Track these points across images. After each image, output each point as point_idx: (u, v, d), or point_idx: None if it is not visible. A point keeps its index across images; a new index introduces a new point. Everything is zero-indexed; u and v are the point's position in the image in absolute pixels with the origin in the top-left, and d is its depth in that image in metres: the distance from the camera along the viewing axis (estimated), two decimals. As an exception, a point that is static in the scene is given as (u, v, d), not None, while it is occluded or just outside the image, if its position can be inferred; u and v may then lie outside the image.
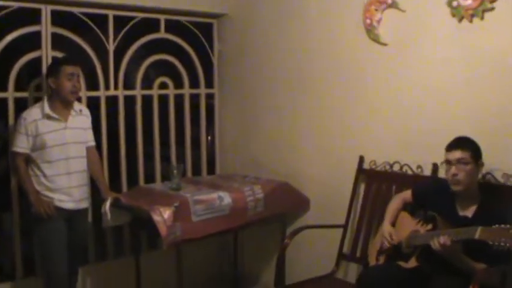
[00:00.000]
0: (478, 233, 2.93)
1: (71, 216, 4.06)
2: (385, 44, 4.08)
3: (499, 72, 3.49)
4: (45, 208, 3.87)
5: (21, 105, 4.12)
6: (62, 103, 3.96)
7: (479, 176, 3.35)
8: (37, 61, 4.28)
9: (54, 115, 3.91)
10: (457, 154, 3.26)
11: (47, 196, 3.92)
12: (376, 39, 4.11)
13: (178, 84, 5.15)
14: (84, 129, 4.14)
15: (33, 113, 3.90)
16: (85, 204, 4.20)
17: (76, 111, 4.05)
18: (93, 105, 4.57)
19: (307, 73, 4.66)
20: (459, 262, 3.14)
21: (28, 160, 3.93)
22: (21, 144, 3.88)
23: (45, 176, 3.92)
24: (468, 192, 3.30)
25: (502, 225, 2.86)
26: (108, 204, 4.20)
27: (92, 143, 4.25)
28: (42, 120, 3.88)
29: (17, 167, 3.93)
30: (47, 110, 3.89)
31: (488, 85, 3.55)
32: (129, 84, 4.88)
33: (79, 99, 4.45)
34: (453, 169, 3.29)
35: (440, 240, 3.08)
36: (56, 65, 3.95)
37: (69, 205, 4.01)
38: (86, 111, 4.21)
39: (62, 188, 3.97)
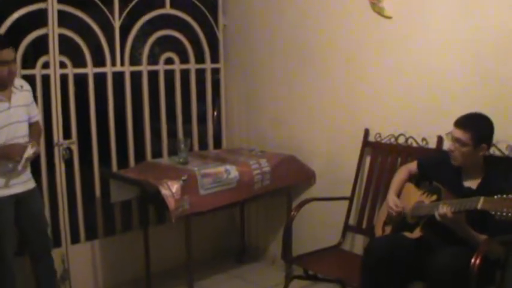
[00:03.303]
0: (480, 203, 2.96)
1: (20, 199, 3.76)
2: (389, 17, 4.09)
3: (504, 44, 3.50)
4: (13, 154, 3.59)
5: (29, 83, 4.12)
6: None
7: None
8: (44, 38, 4.29)
9: None
10: (457, 133, 3.26)
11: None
12: (380, 12, 4.11)
13: (184, 60, 5.16)
14: (27, 105, 3.82)
15: None
16: (32, 184, 3.87)
17: (18, 88, 3.74)
18: (100, 81, 4.61)
19: (312, 47, 4.67)
20: (462, 232, 3.18)
21: None
22: None
23: None
24: (471, 165, 3.33)
25: (504, 195, 2.89)
26: (28, 151, 3.66)
27: (36, 118, 3.94)
28: None
29: None
30: None
31: (493, 58, 3.56)
32: (134, 61, 4.89)
33: (85, 76, 4.49)
34: (450, 145, 3.32)
35: (441, 210, 3.12)
36: None
37: (18, 188, 3.73)
38: (27, 86, 3.86)
39: (11, 170, 3.67)
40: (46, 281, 4.01)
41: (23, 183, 3.78)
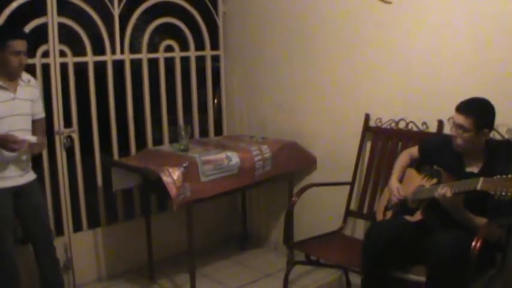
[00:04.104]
0: (479, 183, 2.97)
1: (19, 192, 3.76)
2: (389, 2, 4.08)
3: (505, 27, 3.51)
4: (14, 142, 3.53)
5: (29, 72, 4.11)
6: (7, 75, 3.65)
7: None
8: (43, 27, 4.28)
9: (3, 84, 3.62)
10: (459, 119, 3.25)
11: None
12: (380, -4, 4.12)
13: (184, 47, 5.16)
14: (33, 101, 3.82)
15: None
16: (32, 176, 3.88)
17: (24, 82, 3.76)
18: (100, 69, 4.60)
19: (312, 33, 4.66)
20: (461, 216, 3.19)
21: None
22: None
23: None
24: (473, 150, 3.33)
25: (504, 176, 2.90)
26: (30, 137, 3.68)
27: (41, 115, 3.93)
28: None
29: None
30: None
31: (494, 41, 3.56)
32: (134, 50, 4.89)
33: (85, 64, 4.50)
34: (453, 130, 3.32)
35: (441, 191, 3.13)
36: (2, 39, 3.58)
37: (16, 180, 3.73)
38: (34, 82, 3.90)
39: (9, 161, 3.66)
40: (50, 271, 4.01)
41: (22, 175, 3.77)
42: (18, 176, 3.74)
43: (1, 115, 3.59)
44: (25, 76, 3.79)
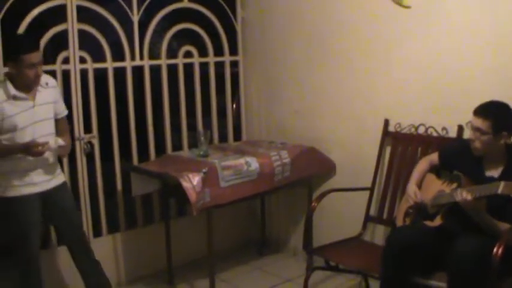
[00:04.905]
0: (501, 187, 2.95)
1: (47, 197, 3.74)
2: (408, 7, 4.07)
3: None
4: (36, 146, 3.52)
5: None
6: (25, 86, 3.60)
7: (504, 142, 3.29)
8: (63, 34, 4.32)
9: (21, 95, 3.58)
10: (477, 122, 3.24)
11: (19, 181, 3.63)
12: (399, 1, 4.09)
13: (203, 53, 5.17)
14: (54, 102, 3.79)
15: None
16: (60, 179, 3.86)
17: (43, 86, 3.71)
18: (119, 75, 4.64)
19: (332, 37, 4.66)
20: (482, 220, 3.17)
21: None
22: None
23: (17, 158, 3.59)
24: (493, 154, 3.31)
25: (525, 179, 2.88)
26: (56, 140, 3.69)
27: (63, 114, 3.92)
28: (9, 101, 3.55)
29: None
30: (13, 90, 3.55)
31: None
32: (153, 56, 4.91)
33: (104, 70, 4.53)
34: (471, 134, 3.31)
35: (462, 195, 3.11)
36: (15, 54, 3.52)
37: (43, 186, 3.71)
38: (53, 82, 3.83)
39: (36, 167, 3.66)
40: (92, 273, 4.00)
41: (49, 180, 3.76)
42: (46, 181, 3.73)
43: (22, 125, 3.58)
44: (43, 79, 3.72)
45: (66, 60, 4.34)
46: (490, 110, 3.24)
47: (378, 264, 3.48)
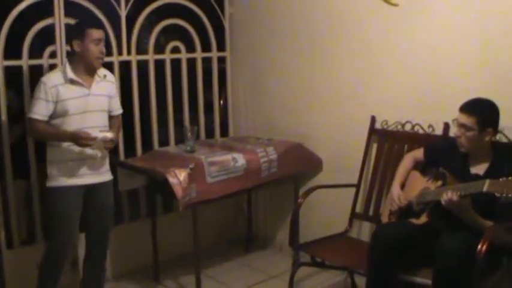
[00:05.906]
0: (486, 185, 2.97)
1: (90, 190, 3.75)
2: (396, 5, 4.08)
3: (511, 30, 3.50)
4: (85, 138, 3.52)
5: (36, 73, 4.12)
6: (86, 68, 3.64)
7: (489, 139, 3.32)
8: (50, 28, 4.30)
9: (78, 79, 3.59)
10: (462, 118, 3.27)
11: (66, 172, 3.64)
12: (386, -1, 4.12)
13: (190, 49, 5.17)
14: (110, 97, 3.81)
15: (54, 78, 3.58)
16: (107, 176, 3.87)
17: (100, 77, 3.72)
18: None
19: (319, 34, 4.67)
20: (468, 218, 3.18)
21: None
22: (40, 111, 3.54)
23: (67, 150, 3.61)
24: (478, 151, 3.33)
25: (510, 178, 2.90)
26: (106, 133, 3.66)
27: (118, 112, 3.96)
28: (65, 85, 3.57)
29: (37, 131, 3.61)
30: (71, 74, 3.57)
31: (500, 43, 3.56)
32: (140, 51, 4.90)
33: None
34: (456, 130, 3.33)
35: (447, 195, 3.13)
36: (82, 28, 3.59)
37: (89, 179, 3.71)
38: (111, 77, 3.87)
39: (83, 159, 3.66)
40: (94, 278, 3.97)
41: (94, 174, 3.74)
42: (89, 175, 3.72)
43: (73, 111, 3.60)
44: (101, 71, 3.76)
45: (53, 55, 4.32)
46: (475, 107, 3.27)
47: (364, 261, 3.49)
